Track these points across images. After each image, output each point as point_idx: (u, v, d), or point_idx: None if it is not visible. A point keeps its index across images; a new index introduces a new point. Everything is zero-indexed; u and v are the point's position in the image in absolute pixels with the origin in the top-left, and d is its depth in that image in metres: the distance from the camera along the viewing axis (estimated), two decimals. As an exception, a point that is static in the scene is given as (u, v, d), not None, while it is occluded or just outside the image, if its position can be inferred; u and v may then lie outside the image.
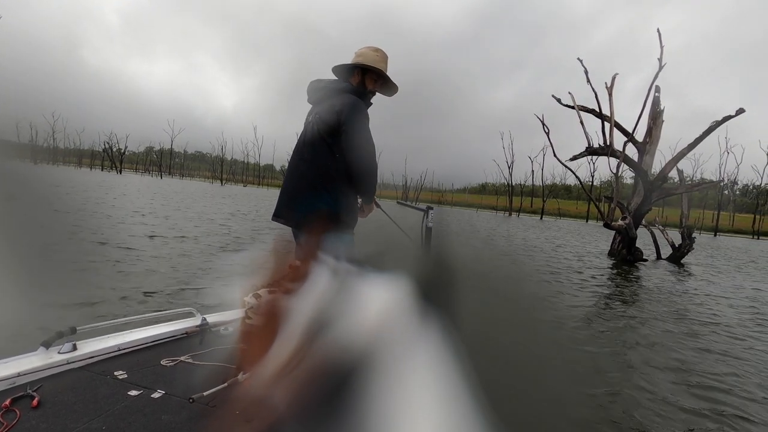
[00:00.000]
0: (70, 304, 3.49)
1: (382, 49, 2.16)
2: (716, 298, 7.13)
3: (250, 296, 1.41)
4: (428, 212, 2.15)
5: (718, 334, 4.71)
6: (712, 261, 14.49)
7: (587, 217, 56.66)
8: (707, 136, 11.90)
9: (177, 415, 1.32)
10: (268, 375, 1.11)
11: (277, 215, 2.08)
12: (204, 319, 2.04)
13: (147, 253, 6.12)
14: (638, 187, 12.61)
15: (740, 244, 30.83)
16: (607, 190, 46.63)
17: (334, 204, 1.96)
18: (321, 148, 1.97)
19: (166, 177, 69.91)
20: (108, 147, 72.21)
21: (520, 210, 59.61)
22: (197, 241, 7.79)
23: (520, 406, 1.09)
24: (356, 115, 1.96)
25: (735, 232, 52.52)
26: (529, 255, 11.19)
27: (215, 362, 1.66)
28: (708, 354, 3.97)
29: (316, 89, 2.13)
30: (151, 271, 5.05)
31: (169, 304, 3.76)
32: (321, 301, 1.19)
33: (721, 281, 9.46)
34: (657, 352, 3.89)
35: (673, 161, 12.51)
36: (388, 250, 1.77)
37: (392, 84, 2.20)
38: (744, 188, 64.47)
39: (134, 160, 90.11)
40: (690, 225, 12.81)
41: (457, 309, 1.13)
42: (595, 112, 12.83)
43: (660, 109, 12.48)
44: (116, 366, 1.60)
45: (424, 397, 0.95)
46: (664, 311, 5.73)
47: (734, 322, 5.41)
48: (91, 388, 1.43)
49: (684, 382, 3.23)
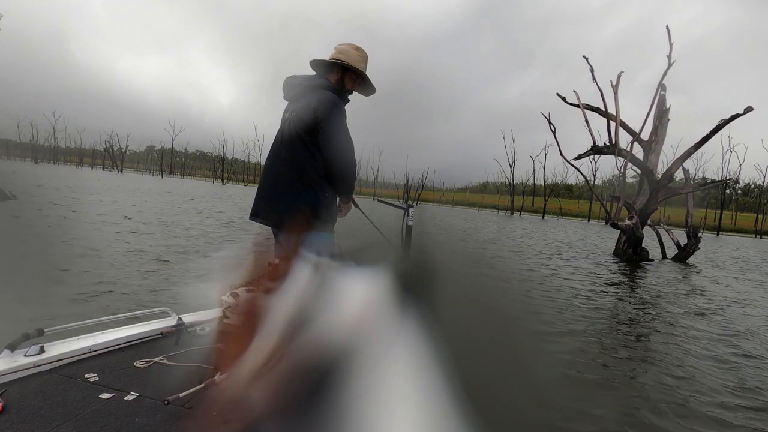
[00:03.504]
0: (37, 304, 3.39)
1: (363, 49, 2.14)
2: (731, 299, 7.03)
3: (227, 295, 1.39)
4: (409, 210, 2.20)
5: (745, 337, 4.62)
6: (719, 261, 14.38)
7: (589, 217, 56.52)
8: (714, 135, 11.78)
9: (151, 417, 1.28)
10: (246, 375, 1.09)
11: (255, 214, 2.04)
12: (180, 319, 2.01)
13: (117, 252, 6.02)
14: (643, 187, 12.51)
15: (744, 243, 30.78)
16: (608, 189, 46.52)
17: (314, 202, 1.93)
18: (299, 146, 1.95)
19: (167, 176, 69.87)
20: (109, 146, 72.28)
21: (521, 209, 59.43)
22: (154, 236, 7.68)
23: (499, 400, 1.08)
24: (334, 113, 1.93)
25: (737, 231, 52.31)
26: (535, 255, 11.05)
27: (191, 363, 1.63)
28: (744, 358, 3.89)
29: (292, 86, 2.09)
30: (124, 270, 4.95)
31: (144, 304, 3.69)
32: (300, 299, 1.17)
33: (731, 281, 9.36)
34: (672, 352, 3.83)
35: (679, 160, 12.38)
36: (368, 247, 1.80)
37: (371, 85, 2.18)
38: (746, 187, 64.41)
39: (135, 159, 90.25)
40: (695, 224, 12.70)
41: (437, 304, 1.13)
42: (600, 111, 12.71)
43: (666, 108, 12.37)
44: (87, 368, 1.55)
45: (404, 394, 0.94)
46: (678, 312, 5.66)
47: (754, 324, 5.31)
48: (60, 391, 1.38)
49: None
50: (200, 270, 5.35)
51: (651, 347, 4.05)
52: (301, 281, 1.22)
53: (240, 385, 1.09)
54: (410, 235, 2.17)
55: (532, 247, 12.89)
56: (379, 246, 1.92)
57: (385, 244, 2.01)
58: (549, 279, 7.20)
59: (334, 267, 1.25)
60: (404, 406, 0.93)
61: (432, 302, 1.13)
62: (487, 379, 1.10)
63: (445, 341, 1.01)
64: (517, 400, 1.13)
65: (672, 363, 3.59)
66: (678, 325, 4.91)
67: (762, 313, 6.05)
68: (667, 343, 4.16)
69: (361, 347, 1.02)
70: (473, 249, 9.86)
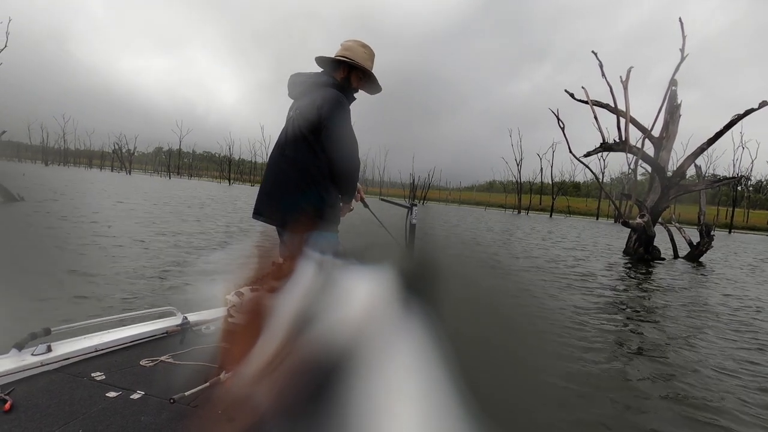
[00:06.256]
0: (44, 304, 3.42)
1: (369, 46, 2.10)
2: (744, 299, 6.89)
3: (232, 294, 1.40)
4: (412, 209, 2.20)
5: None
6: (735, 260, 14.10)
7: (597, 215, 55.98)
8: (728, 131, 11.52)
9: (157, 416, 1.29)
10: (251, 374, 1.10)
11: (258, 213, 2.01)
12: (185, 318, 2.02)
13: (124, 252, 6.02)
14: (654, 184, 12.28)
15: (757, 240, 30.30)
16: (617, 187, 46.01)
17: (318, 202, 1.91)
18: (302, 145, 1.92)
19: (174, 177, 70.42)
20: (117, 148, 72.99)
21: (529, 208, 59.00)
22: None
23: (504, 399, 1.07)
24: (338, 111, 1.90)
25: (749, 229, 51.49)
26: (549, 260, 10.91)
27: (197, 362, 1.64)
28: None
29: (297, 83, 2.06)
30: (129, 270, 4.96)
31: (149, 304, 3.70)
32: (305, 298, 1.18)
33: (747, 281, 9.15)
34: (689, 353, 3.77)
35: (692, 156, 12.14)
36: (372, 246, 1.78)
37: (377, 83, 2.13)
38: (758, 184, 63.37)
39: (144, 161, 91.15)
40: (708, 222, 12.45)
41: (441, 303, 1.12)
42: (609, 107, 12.53)
43: (677, 104, 12.13)
44: (93, 367, 1.57)
45: (408, 393, 0.94)
46: (690, 313, 5.56)
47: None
48: (67, 390, 1.40)
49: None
50: (205, 269, 5.37)
51: (661, 349, 3.98)
52: (305, 280, 1.21)
53: (245, 383, 1.10)
54: (414, 234, 2.17)
55: (539, 247, 12.74)
56: (383, 245, 1.90)
57: (390, 244, 2.00)
58: (557, 279, 7.08)
59: (338, 266, 1.25)
60: (408, 405, 0.92)
61: (436, 301, 1.12)
62: (491, 378, 1.09)
63: (449, 340, 1.00)
64: (522, 399, 1.13)
65: (685, 367, 3.53)
66: (690, 327, 4.83)
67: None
68: (679, 348, 4.09)
69: (365, 346, 1.01)
70: (479, 248, 9.77)
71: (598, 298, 5.79)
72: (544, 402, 1.87)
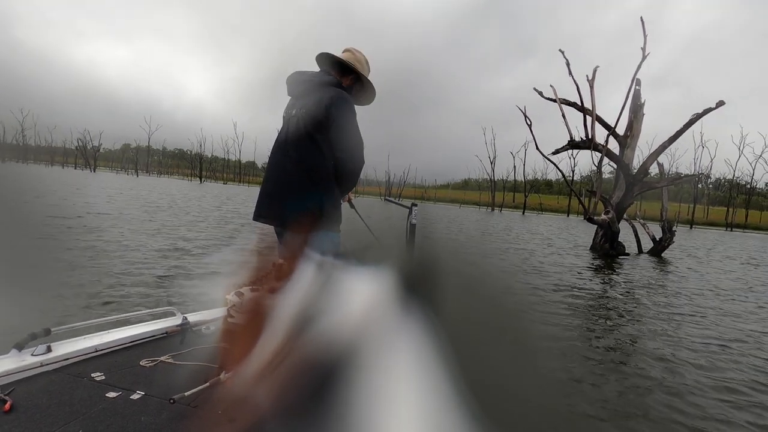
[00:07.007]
0: (44, 304, 3.40)
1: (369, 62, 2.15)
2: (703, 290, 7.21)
3: (232, 294, 1.40)
4: (412, 209, 2.22)
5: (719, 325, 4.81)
6: (695, 253, 14.69)
7: (568, 212, 57.62)
8: (688, 129, 11.97)
9: (157, 416, 1.30)
10: (251, 374, 1.11)
11: (259, 215, 1.99)
12: (185, 319, 2.01)
13: (121, 253, 5.92)
14: (619, 181, 12.64)
15: (716, 236, 31.86)
16: (587, 185, 47.43)
17: (322, 202, 1.90)
18: (307, 144, 1.90)
19: (142, 175, 67.99)
20: (81, 144, 69.89)
21: (502, 205, 60.08)
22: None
23: (504, 399, 1.07)
24: (347, 109, 1.91)
25: (709, 225, 54.13)
26: (518, 252, 11.05)
27: (197, 362, 1.64)
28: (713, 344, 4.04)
29: (299, 82, 2.04)
30: (128, 270, 4.90)
31: (149, 304, 3.69)
32: (305, 298, 1.18)
33: (704, 272, 9.54)
34: (653, 347, 3.96)
35: (654, 155, 12.58)
36: (373, 246, 1.82)
37: (367, 100, 2.19)
38: (717, 182, 66.63)
39: (110, 158, 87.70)
40: (670, 218, 12.91)
41: (440, 303, 1.12)
42: (576, 106, 12.80)
43: (641, 103, 12.50)
44: (93, 367, 1.57)
45: (409, 393, 0.94)
46: (655, 304, 5.80)
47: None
48: (67, 390, 1.40)
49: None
50: (205, 269, 5.31)
51: (629, 343, 4.16)
52: (305, 281, 1.22)
53: (245, 383, 1.10)
54: (414, 234, 2.18)
55: (507, 243, 12.89)
56: (384, 245, 1.90)
57: (390, 244, 1.99)
58: (523, 276, 7.13)
59: (339, 266, 1.25)
60: (409, 405, 0.93)
61: (436, 301, 1.12)
62: (492, 378, 1.09)
63: (449, 340, 1.00)
64: (522, 398, 1.12)
65: (650, 354, 3.72)
66: (652, 319, 5.06)
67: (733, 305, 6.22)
68: (642, 338, 4.32)
69: (365, 346, 1.02)
70: (472, 246, 9.84)
71: (560, 294, 5.91)
72: (544, 402, 1.86)
